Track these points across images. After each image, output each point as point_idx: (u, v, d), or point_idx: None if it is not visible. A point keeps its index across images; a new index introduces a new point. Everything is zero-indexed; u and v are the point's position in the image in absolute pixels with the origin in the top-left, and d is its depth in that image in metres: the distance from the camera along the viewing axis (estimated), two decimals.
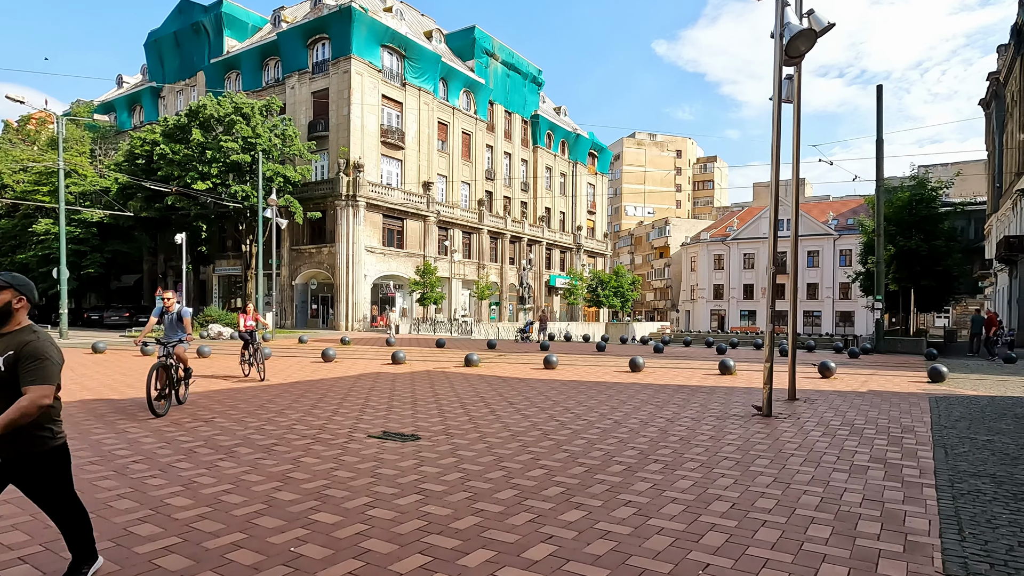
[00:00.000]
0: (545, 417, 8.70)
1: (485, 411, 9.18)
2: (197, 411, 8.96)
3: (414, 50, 41.69)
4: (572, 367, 16.34)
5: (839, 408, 9.79)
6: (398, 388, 11.71)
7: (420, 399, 10.33)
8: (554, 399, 10.50)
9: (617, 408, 9.60)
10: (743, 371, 15.44)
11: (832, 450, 6.71)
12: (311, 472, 5.61)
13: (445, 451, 6.52)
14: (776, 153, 9.64)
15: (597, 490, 5.13)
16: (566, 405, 9.85)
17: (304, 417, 8.52)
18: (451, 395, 10.84)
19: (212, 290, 44.99)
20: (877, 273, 22.54)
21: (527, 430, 7.74)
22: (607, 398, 10.69)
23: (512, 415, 8.86)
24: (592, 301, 58.79)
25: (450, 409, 9.32)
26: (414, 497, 4.89)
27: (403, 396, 10.66)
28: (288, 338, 28.11)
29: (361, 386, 11.94)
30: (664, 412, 9.25)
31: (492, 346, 23.47)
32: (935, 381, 13.28)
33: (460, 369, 15.47)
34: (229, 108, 33.49)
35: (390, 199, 39.35)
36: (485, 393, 11.17)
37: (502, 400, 10.32)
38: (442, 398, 10.48)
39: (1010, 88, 42.86)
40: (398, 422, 8.22)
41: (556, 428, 7.88)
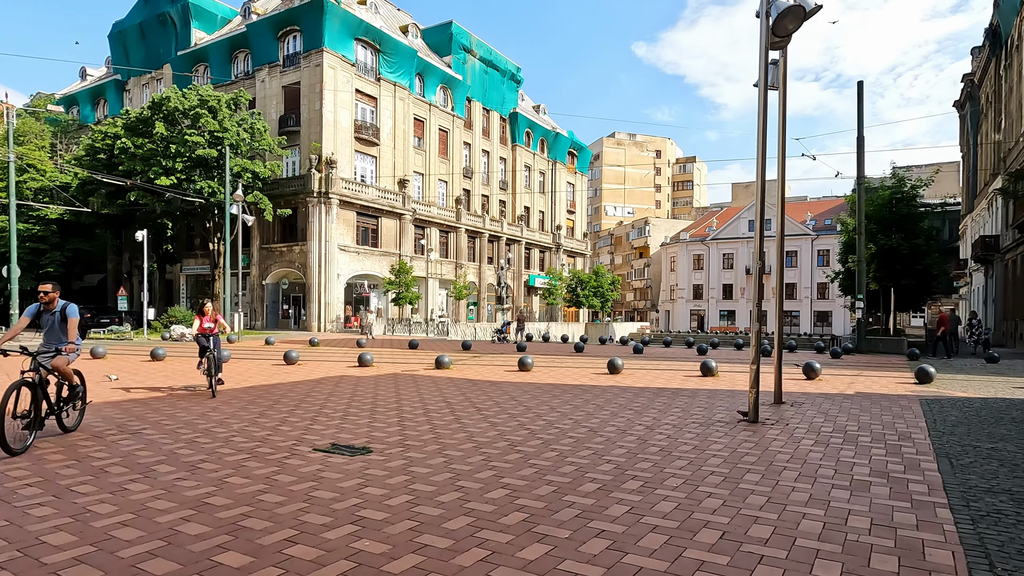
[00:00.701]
0: (514, 425, 7.97)
1: (450, 419, 8.42)
2: (128, 420, 8.06)
3: (389, 44, 40.73)
4: (548, 369, 15.63)
5: (828, 412, 9.20)
6: (359, 393, 10.88)
7: (381, 405, 9.53)
8: (526, 404, 9.77)
9: (593, 414, 8.90)
10: (725, 372, 14.87)
11: (828, 462, 6.07)
12: (233, 496, 4.80)
13: (396, 467, 5.74)
14: (762, 142, 9.04)
15: (566, 516, 4.40)
16: (539, 411, 9.12)
17: (247, 427, 7.68)
18: (415, 401, 10.06)
19: (179, 290, 43.53)
20: (859, 272, 22.21)
21: (493, 440, 7.00)
22: (583, 403, 9.99)
23: (479, 423, 8.11)
24: (572, 301, 58.26)
25: (412, 417, 8.54)
26: (347, 528, 4.11)
27: (363, 402, 9.84)
28: (255, 340, 27.04)
29: (319, 391, 11.09)
30: (643, 418, 8.57)
31: (467, 347, 22.70)
32: (923, 382, 12.81)
33: (430, 372, 14.67)
34: (194, 101, 32.25)
35: (364, 196, 38.35)
36: (453, 398, 10.40)
37: (470, 406, 9.57)
38: (405, 404, 9.69)
39: (984, 89, 43.20)
40: (351, 432, 7.42)
41: (525, 438, 7.15)
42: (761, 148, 9.01)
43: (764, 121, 9.04)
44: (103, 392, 10.70)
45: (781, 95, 10.18)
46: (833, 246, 63.01)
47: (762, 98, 9.12)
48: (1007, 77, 35.13)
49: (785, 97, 10.20)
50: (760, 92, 9.20)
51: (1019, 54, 32.00)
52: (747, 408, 8.75)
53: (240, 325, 34.74)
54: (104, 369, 14.38)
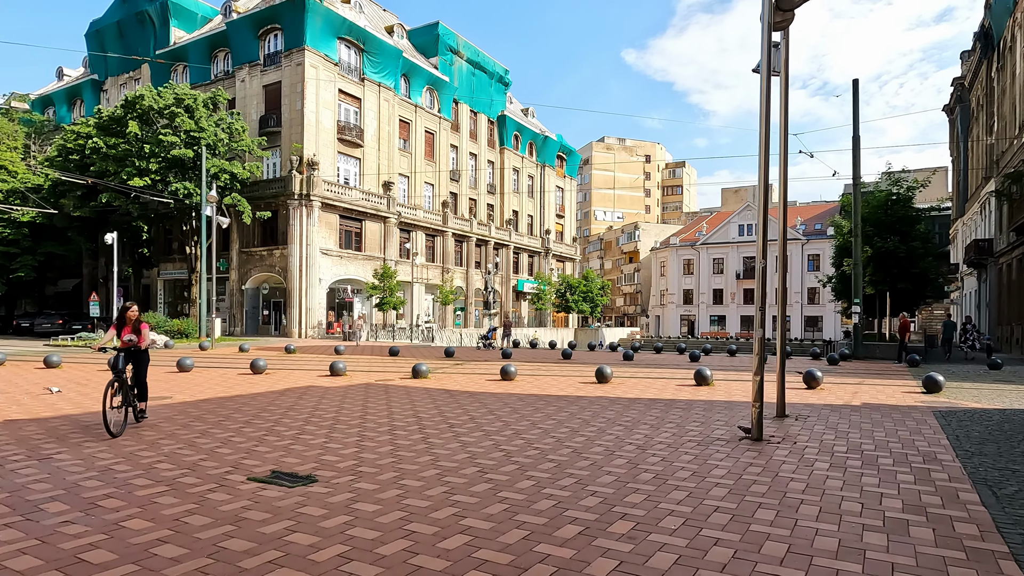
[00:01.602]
0: (488, 446, 7.02)
1: (416, 437, 7.47)
2: (44, 442, 7.04)
3: (373, 44, 39.81)
4: (533, 378, 14.70)
5: (837, 427, 8.33)
6: (322, 407, 9.90)
7: (343, 422, 8.55)
8: (505, 419, 8.83)
9: (578, 431, 7.97)
10: (720, 381, 14.00)
11: (850, 492, 5.17)
12: (120, 548, 3.82)
13: (339, 504, 4.79)
14: (764, 131, 8.18)
15: (540, 573, 3.47)
16: (518, 427, 8.18)
17: (179, 450, 6.68)
18: (382, 416, 9.09)
19: (157, 295, 42.22)
20: (855, 275, 21.48)
21: (460, 466, 6.05)
22: (568, 417, 9.06)
23: (448, 443, 7.16)
24: (561, 306, 57.39)
25: (374, 436, 7.58)
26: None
27: (323, 417, 8.86)
28: (230, 347, 25.92)
29: (278, 405, 10.09)
30: (634, 436, 7.65)
31: (450, 354, 21.72)
32: (931, 392, 12.00)
33: (405, 381, 13.69)
34: (170, 99, 31.13)
35: (347, 199, 37.31)
36: (425, 412, 9.44)
37: (442, 422, 8.61)
38: (370, 420, 8.72)
39: (975, 92, 42.92)
40: (300, 456, 6.45)
41: (498, 462, 6.20)
42: (764, 137, 8.16)
43: (767, 108, 8.20)
44: (36, 407, 9.65)
45: (783, 81, 9.38)
46: (824, 250, 62.62)
47: (764, 83, 8.29)
48: (999, 79, 34.75)
49: (787, 83, 9.39)
50: (763, 75, 8.37)
51: (1012, 56, 31.60)
52: (749, 424, 7.87)
53: (217, 331, 33.58)
54: (53, 380, 13.28)
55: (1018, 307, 28.31)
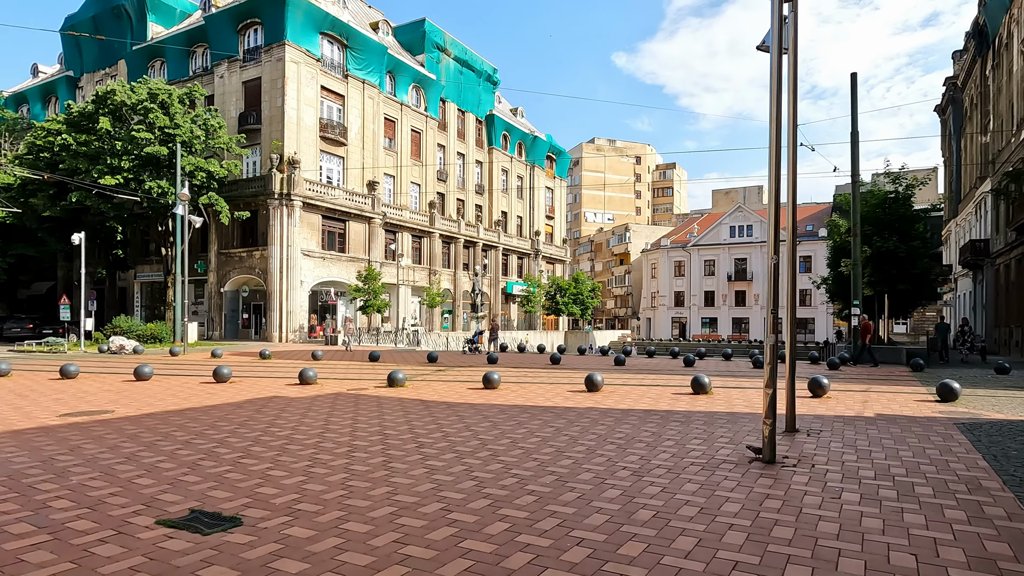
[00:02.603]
0: (459, 472, 6.01)
1: (377, 461, 6.45)
2: None
3: (357, 40, 38.75)
4: (518, 385, 13.70)
5: (856, 444, 7.40)
6: (279, 423, 8.85)
7: (297, 441, 7.52)
8: (483, 437, 7.83)
9: (564, 451, 6.98)
10: (719, 388, 13.07)
11: (896, 538, 4.21)
12: None
13: (257, 559, 3.77)
14: (776, 112, 7.27)
15: None
16: (496, 447, 7.18)
17: (91, 481, 5.62)
18: (344, 433, 8.06)
19: (134, 298, 40.87)
20: (854, 276, 20.66)
21: (421, 501, 5.04)
22: (554, 433, 8.07)
23: (412, 468, 6.14)
24: (551, 309, 56.46)
25: (328, 459, 6.55)
26: None
27: (276, 435, 7.82)
28: (203, 352, 24.72)
29: (230, 420, 9.03)
30: (628, 457, 6.67)
31: (433, 359, 20.69)
32: (946, 400, 11.13)
33: (380, 390, 12.65)
34: (143, 95, 29.90)
35: (330, 199, 36.20)
36: (393, 428, 8.42)
37: (411, 440, 7.60)
38: (329, 439, 7.68)
39: (968, 92, 42.46)
40: (231, 488, 5.41)
41: (468, 495, 5.20)
42: (775, 118, 7.23)
43: (778, 86, 7.29)
44: None
45: (792, 59, 8.46)
46: (815, 251, 62.13)
47: (775, 60, 7.40)
48: (994, 77, 34.22)
49: (796, 60, 8.47)
50: (773, 56, 7.49)
51: (1009, 52, 31.04)
52: (760, 443, 6.93)
53: (194, 336, 32.36)
54: None
55: (1017, 309, 27.66)
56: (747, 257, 65.87)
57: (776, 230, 6.80)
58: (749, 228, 66.29)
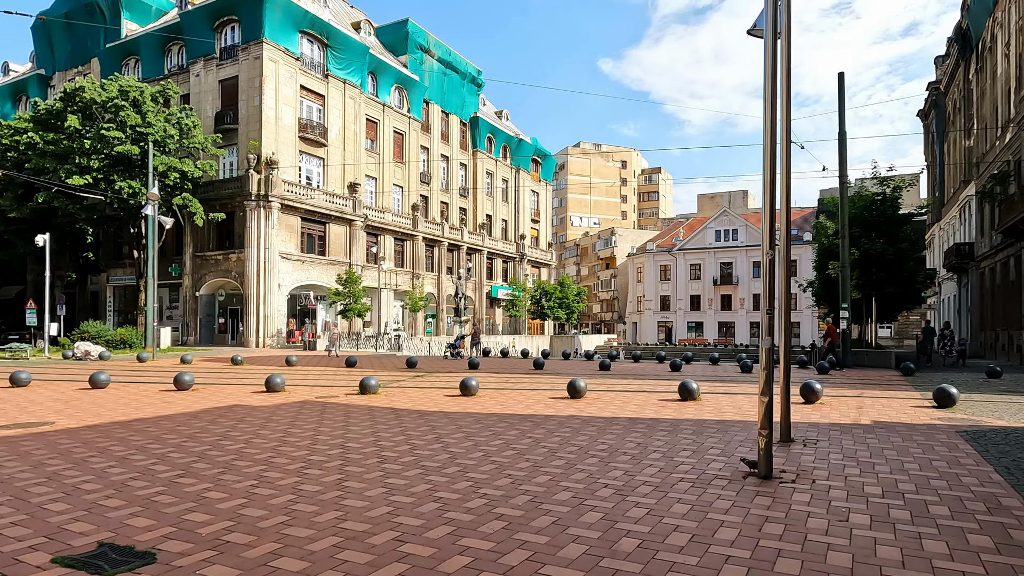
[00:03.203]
0: (422, 492, 5.36)
1: (330, 480, 5.77)
2: None
3: (338, 39, 38.01)
4: (498, 392, 13.05)
5: (857, 456, 6.84)
6: (233, 435, 8.13)
7: (247, 457, 6.82)
8: (453, 450, 7.18)
9: (541, 465, 6.35)
10: (707, 394, 12.52)
11: (919, 572, 3.62)
12: None
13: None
14: (771, 97, 6.73)
15: None
16: (466, 462, 6.53)
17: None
18: (302, 447, 7.36)
19: (107, 302, 39.66)
20: (843, 278, 20.27)
21: (374, 528, 4.38)
22: (532, 444, 7.44)
23: (369, 488, 5.47)
24: (536, 313, 55.86)
25: (275, 478, 5.86)
26: None
27: (226, 450, 7.11)
28: (173, 358, 23.77)
29: (180, 433, 8.30)
30: (611, 472, 6.05)
31: (412, 365, 19.98)
32: (944, 406, 10.65)
33: (350, 398, 11.94)
34: (113, 92, 28.94)
35: (310, 201, 35.36)
36: (357, 441, 7.74)
37: (374, 455, 6.92)
38: (284, 454, 6.99)
39: (952, 96, 42.60)
40: (155, 515, 4.71)
41: (428, 522, 4.54)
42: (770, 104, 6.70)
43: (773, 70, 6.76)
44: None
45: (784, 45, 7.94)
46: (800, 256, 62.15)
47: (769, 42, 6.88)
48: (978, 81, 34.25)
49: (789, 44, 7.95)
50: (767, 39, 6.97)
51: (992, 56, 31.04)
52: (754, 455, 6.35)
53: (167, 341, 31.36)
54: None
55: (1003, 312, 27.52)
56: (732, 261, 65.79)
57: (771, 223, 6.23)
58: (734, 232, 66.23)
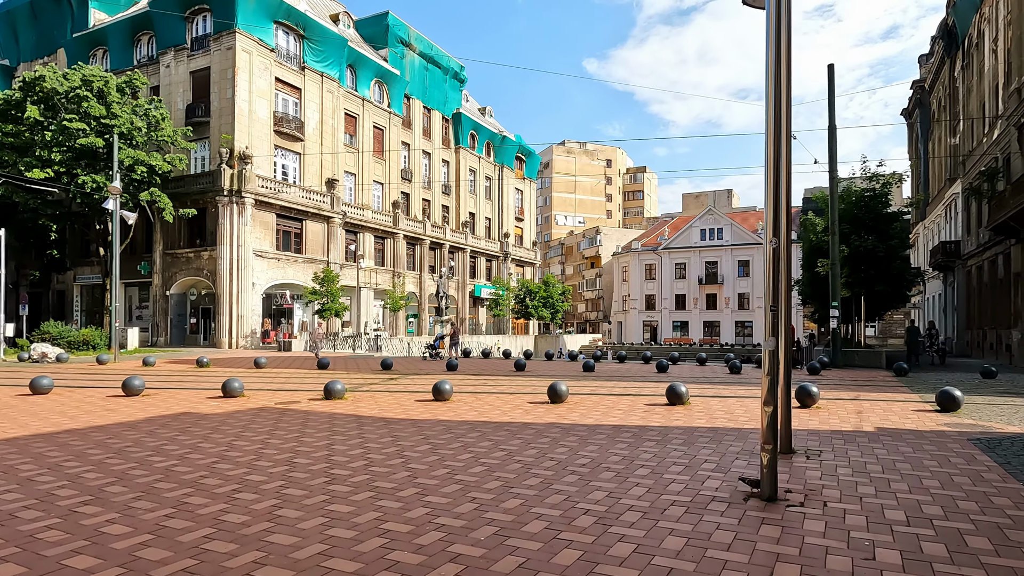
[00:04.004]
0: (368, 524, 4.50)
1: (262, 508, 4.89)
2: None
3: (315, 31, 36.90)
4: (474, 397, 12.21)
5: (868, 470, 6.10)
6: (168, 448, 7.20)
7: (174, 476, 5.90)
8: (415, 465, 6.32)
9: (514, 485, 5.52)
10: (696, 398, 11.77)
11: None
12: None
13: None
14: (775, 67, 5.99)
15: None
16: (427, 482, 5.68)
17: None
18: (242, 464, 6.46)
19: (72, 302, 38.20)
20: (832, 276, 19.68)
21: (300, 574, 3.52)
22: (505, 458, 6.61)
23: (307, 518, 4.60)
24: (520, 312, 55.06)
25: (198, 504, 4.97)
26: None
27: (151, 469, 6.19)
28: (135, 359, 22.59)
29: (108, 446, 7.35)
30: (592, 494, 5.24)
31: (387, 366, 19.07)
32: (947, 410, 9.99)
33: (313, 404, 11.03)
34: (76, 82, 27.67)
35: (285, 196, 34.23)
36: (307, 456, 6.85)
37: (322, 473, 6.04)
38: (219, 471, 6.09)
39: (936, 94, 42.46)
40: (29, 560, 3.81)
41: (367, 565, 3.68)
42: (773, 74, 5.94)
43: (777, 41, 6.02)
44: None
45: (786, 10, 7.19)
46: None
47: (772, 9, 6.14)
48: (964, 78, 34.01)
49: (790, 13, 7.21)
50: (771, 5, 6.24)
51: (979, 52, 30.76)
52: (756, 473, 5.57)
53: (135, 342, 30.13)
54: None
55: (991, 311, 27.19)
56: (718, 260, 65.48)
57: (775, 206, 5.45)
58: (719, 231, 65.94)
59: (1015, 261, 23.21)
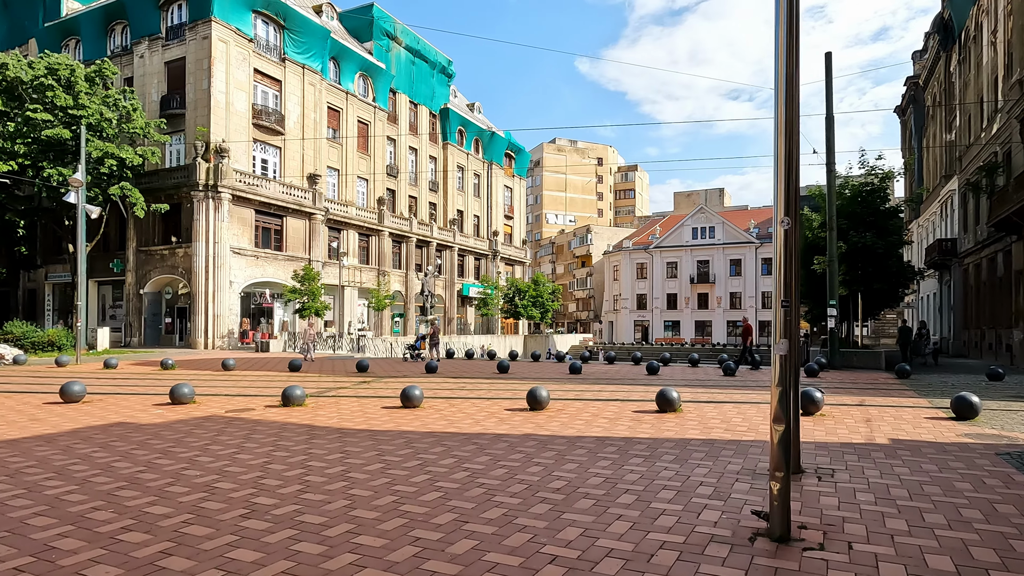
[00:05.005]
0: (279, 573, 3.50)
1: (150, 553, 3.87)
2: None
3: (296, 21, 35.75)
4: (447, 402, 11.21)
5: (892, 496, 5.15)
6: (73, 468, 6.15)
7: (70, 500, 4.87)
8: (359, 491, 5.32)
9: (468, 519, 4.53)
10: (689, 403, 10.83)
11: None
12: None
13: None
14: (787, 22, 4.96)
15: None
16: (365, 514, 4.68)
17: None
18: (151, 490, 5.43)
19: (44, 301, 36.87)
20: (830, 273, 18.84)
21: None
22: (466, 480, 5.62)
23: (202, 566, 3.59)
24: (509, 312, 54.05)
25: (66, 546, 3.95)
26: None
27: (37, 496, 5.15)
28: (97, 362, 21.41)
29: (6, 465, 6.30)
30: (565, 531, 4.26)
31: (363, 368, 18.03)
32: (964, 418, 9.08)
33: (267, 412, 9.99)
34: (41, 70, 26.43)
35: (264, 192, 33.08)
36: (235, 479, 5.82)
37: (241, 503, 5.02)
38: (113, 503, 5.06)
39: (931, 90, 41.84)
40: None
41: None
42: (785, 39, 4.96)
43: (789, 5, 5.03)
44: None
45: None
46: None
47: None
48: (960, 72, 33.34)
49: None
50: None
51: (976, 46, 30.06)
52: (762, 502, 4.62)
53: (105, 343, 28.90)
54: None
55: (989, 310, 26.47)
56: (709, 259, 64.76)
57: (788, 181, 4.49)
58: (711, 230, 65.23)
59: (1016, 258, 22.46)
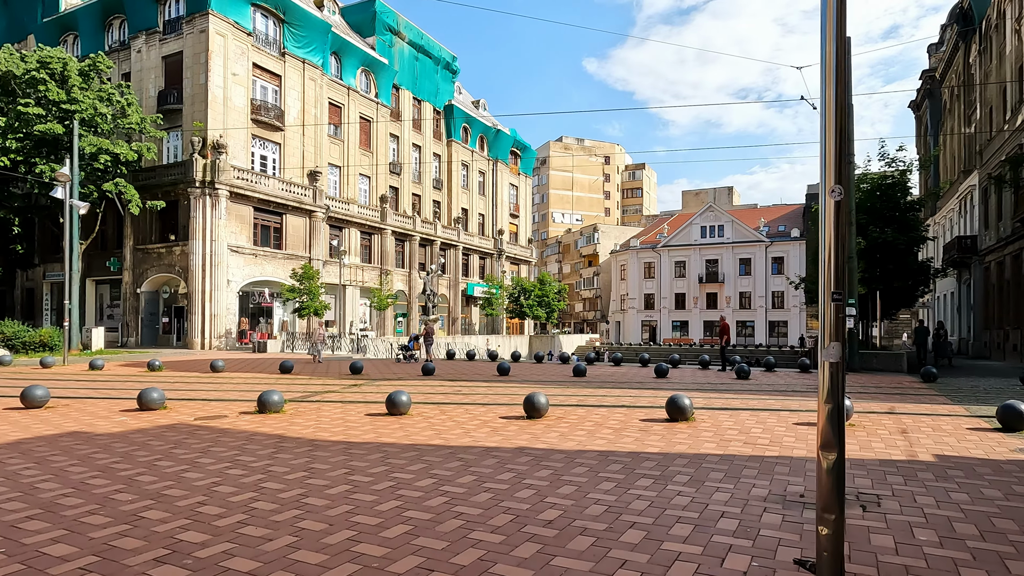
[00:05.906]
0: None
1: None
2: None
3: (296, 14, 35.00)
4: (438, 409, 10.33)
5: (956, 531, 4.24)
6: (8, 489, 5.32)
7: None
8: (312, 522, 4.44)
9: (435, 564, 3.64)
10: (702, 410, 9.91)
11: None
12: None
13: None
14: None
15: None
16: (314, 554, 3.80)
17: None
18: (69, 519, 4.58)
19: (42, 300, 36.31)
20: (849, 271, 17.82)
21: None
22: (442, 509, 4.74)
23: None
24: (514, 312, 53.13)
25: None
26: None
27: None
28: (82, 363, 20.67)
29: None
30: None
31: (357, 370, 17.19)
32: (1014, 430, 8.11)
33: (240, 420, 9.15)
34: (33, 64, 25.79)
35: (263, 189, 32.32)
36: (173, 505, 4.97)
37: (167, 539, 4.16)
38: (23, 534, 4.21)
39: (948, 82, 40.58)
40: None
41: None
42: None
43: None
44: None
45: None
46: (788, 252, 60.21)
47: None
48: (981, 63, 32.17)
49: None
50: None
51: (998, 35, 28.91)
52: (807, 553, 3.71)
53: (100, 343, 28.23)
54: None
55: (1013, 310, 25.33)
56: (718, 258, 63.60)
57: (839, 146, 3.57)
58: (720, 228, 64.07)
59: None
